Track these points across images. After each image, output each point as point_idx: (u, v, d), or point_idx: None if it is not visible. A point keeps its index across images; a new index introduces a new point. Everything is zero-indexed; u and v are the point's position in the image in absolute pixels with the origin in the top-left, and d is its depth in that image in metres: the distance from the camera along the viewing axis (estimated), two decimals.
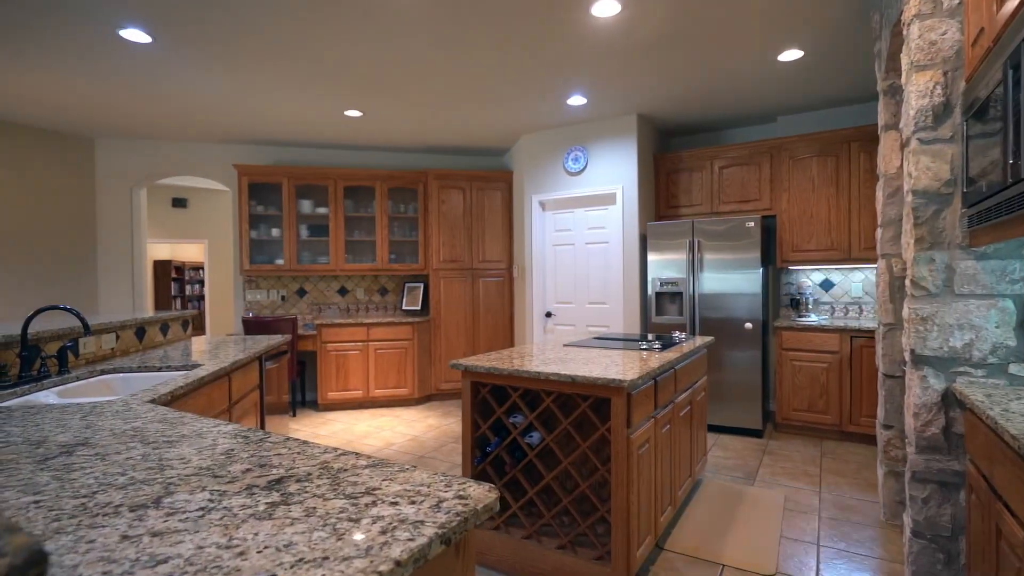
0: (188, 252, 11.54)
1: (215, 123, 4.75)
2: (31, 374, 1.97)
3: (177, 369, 2.34)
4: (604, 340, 3.07)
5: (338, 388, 5.06)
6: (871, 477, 3.26)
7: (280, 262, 5.29)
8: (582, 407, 2.06)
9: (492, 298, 5.49)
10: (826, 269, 4.52)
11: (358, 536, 0.74)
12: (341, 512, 0.82)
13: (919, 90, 1.85)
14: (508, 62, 3.52)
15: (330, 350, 5.03)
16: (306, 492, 0.90)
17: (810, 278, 4.58)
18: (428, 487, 0.92)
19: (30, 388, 1.91)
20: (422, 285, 5.68)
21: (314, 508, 0.84)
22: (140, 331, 2.89)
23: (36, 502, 0.87)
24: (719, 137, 5.12)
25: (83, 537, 0.75)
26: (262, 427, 3.05)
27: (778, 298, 4.74)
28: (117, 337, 2.66)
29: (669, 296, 4.43)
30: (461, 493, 0.89)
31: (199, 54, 3.35)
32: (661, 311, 4.45)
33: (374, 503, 0.85)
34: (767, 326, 4.42)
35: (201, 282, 11.53)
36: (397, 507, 0.84)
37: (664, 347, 2.74)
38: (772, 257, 4.64)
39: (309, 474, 0.99)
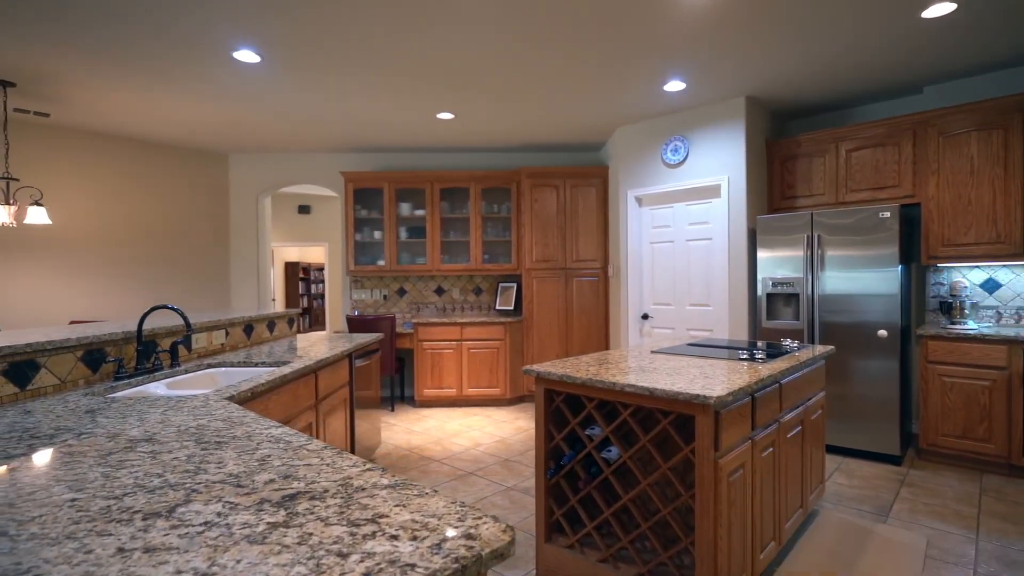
0: (312, 254, 12.65)
1: (323, 134, 5.09)
2: (146, 367, 2.19)
3: (270, 365, 2.49)
4: (699, 347, 2.78)
5: (433, 385, 5.19)
6: None
7: (382, 263, 5.54)
8: (662, 424, 1.85)
9: (586, 299, 5.30)
10: (989, 266, 3.74)
11: None
12: (335, 543, 0.74)
13: None
14: (598, 49, 3.33)
15: (426, 348, 5.17)
16: (312, 513, 0.84)
17: (967, 277, 3.83)
18: (439, 520, 0.81)
19: (143, 380, 2.11)
20: (515, 285, 5.64)
21: (310, 535, 0.77)
22: (248, 328, 3.13)
23: (73, 500, 0.90)
24: (846, 116, 4.47)
25: (85, 546, 0.74)
26: (351, 422, 3.17)
27: (923, 301, 4.03)
28: (227, 333, 2.91)
29: (783, 298, 3.94)
30: (470, 532, 0.77)
31: (302, 69, 3.57)
32: (773, 314, 3.98)
33: (373, 534, 0.77)
34: (908, 333, 3.76)
35: (323, 282, 12.60)
36: (395, 542, 0.74)
37: (770, 356, 2.40)
38: (915, 253, 3.94)
39: (326, 491, 0.93)
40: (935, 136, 3.66)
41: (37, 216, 3.91)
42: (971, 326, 3.54)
